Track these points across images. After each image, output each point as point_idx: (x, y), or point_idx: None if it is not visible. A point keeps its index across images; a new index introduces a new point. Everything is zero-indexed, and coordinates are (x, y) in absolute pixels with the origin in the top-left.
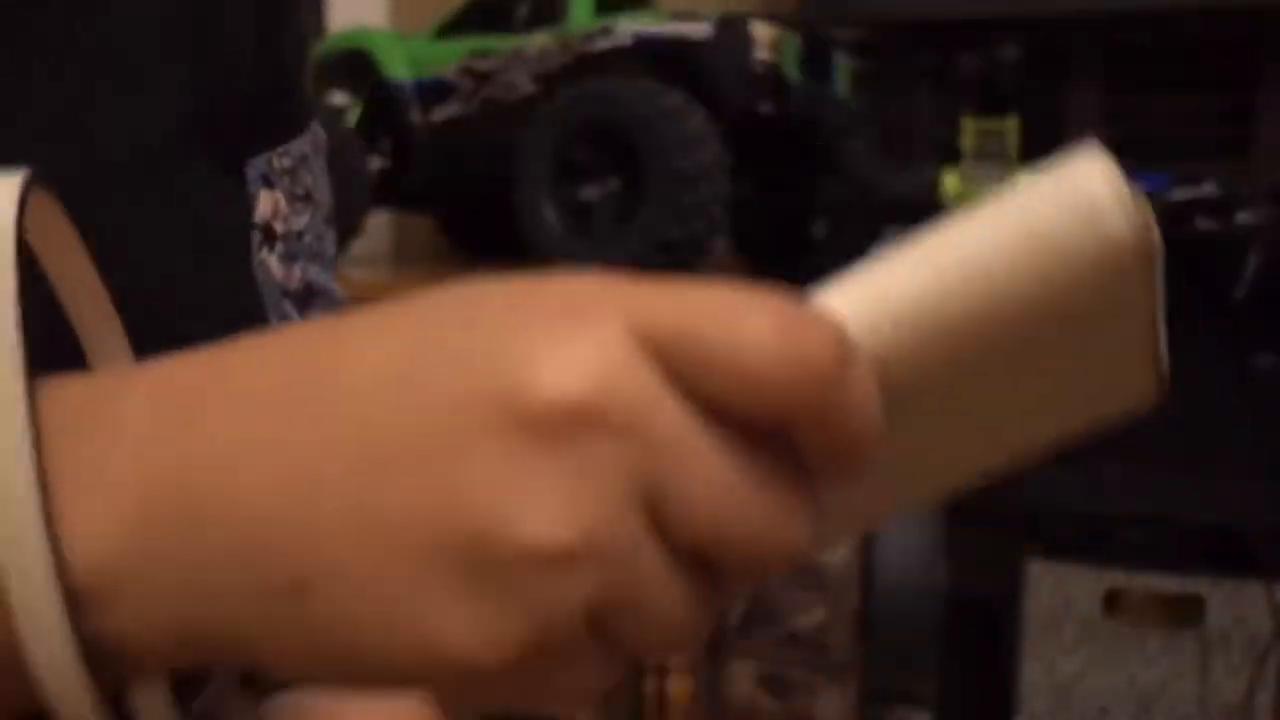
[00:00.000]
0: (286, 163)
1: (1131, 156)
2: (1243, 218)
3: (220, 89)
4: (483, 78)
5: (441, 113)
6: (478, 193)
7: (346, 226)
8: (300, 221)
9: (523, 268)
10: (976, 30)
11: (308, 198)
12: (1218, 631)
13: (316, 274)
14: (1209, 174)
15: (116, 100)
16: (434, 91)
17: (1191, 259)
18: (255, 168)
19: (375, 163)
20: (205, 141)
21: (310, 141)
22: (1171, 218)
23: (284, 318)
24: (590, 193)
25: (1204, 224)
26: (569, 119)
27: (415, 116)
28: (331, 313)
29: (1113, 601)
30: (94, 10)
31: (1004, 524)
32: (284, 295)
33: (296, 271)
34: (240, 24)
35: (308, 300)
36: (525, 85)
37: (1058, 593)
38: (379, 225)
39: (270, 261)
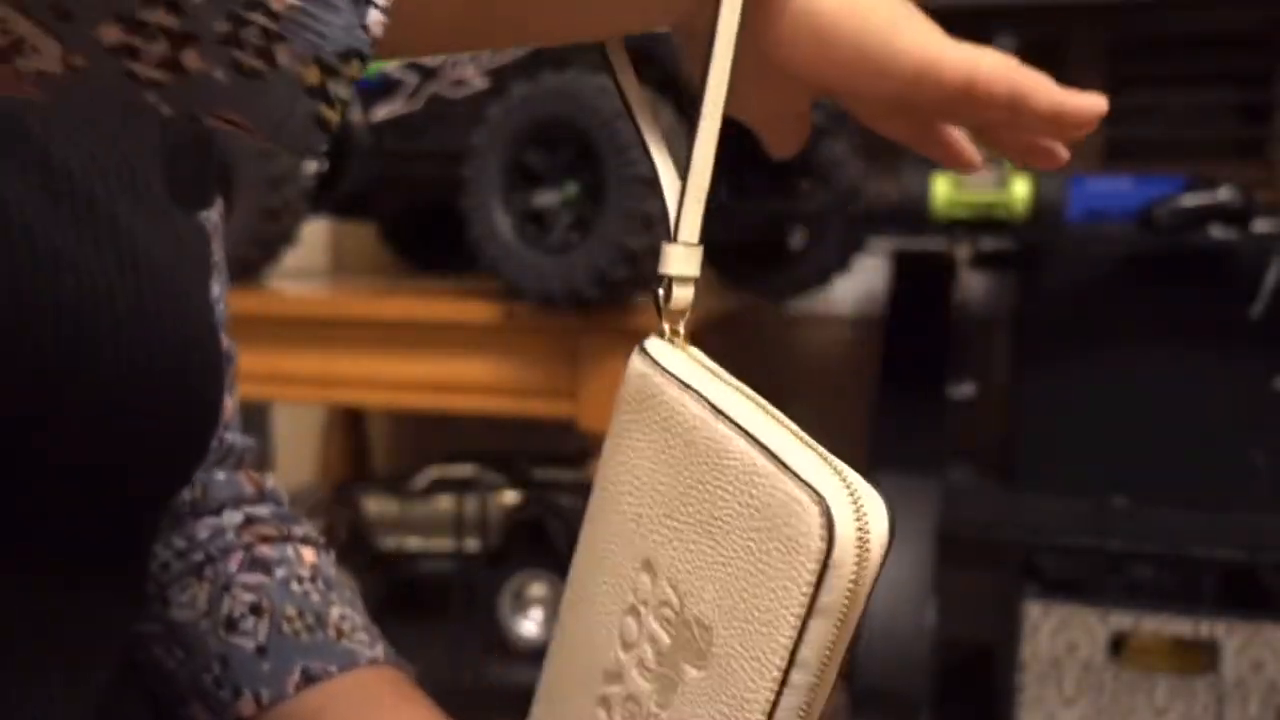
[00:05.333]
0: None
1: (1139, 158)
2: (1261, 226)
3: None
4: (428, 73)
5: (383, 111)
6: (423, 199)
7: (279, 234)
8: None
9: (472, 280)
10: (970, 20)
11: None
12: (1234, 678)
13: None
14: (1224, 177)
15: None
16: (375, 88)
17: (1205, 271)
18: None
19: (311, 166)
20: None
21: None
22: (1183, 226)
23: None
24: (546, 199)
25: (1219, 233)
26: (523, 118)
27: (354, 115)
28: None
29: (1119, 645)
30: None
31: (1000, 560)
32: None
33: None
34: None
35: None
36: (475, 81)
37: (1059, 636)
38: (315, 234)
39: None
